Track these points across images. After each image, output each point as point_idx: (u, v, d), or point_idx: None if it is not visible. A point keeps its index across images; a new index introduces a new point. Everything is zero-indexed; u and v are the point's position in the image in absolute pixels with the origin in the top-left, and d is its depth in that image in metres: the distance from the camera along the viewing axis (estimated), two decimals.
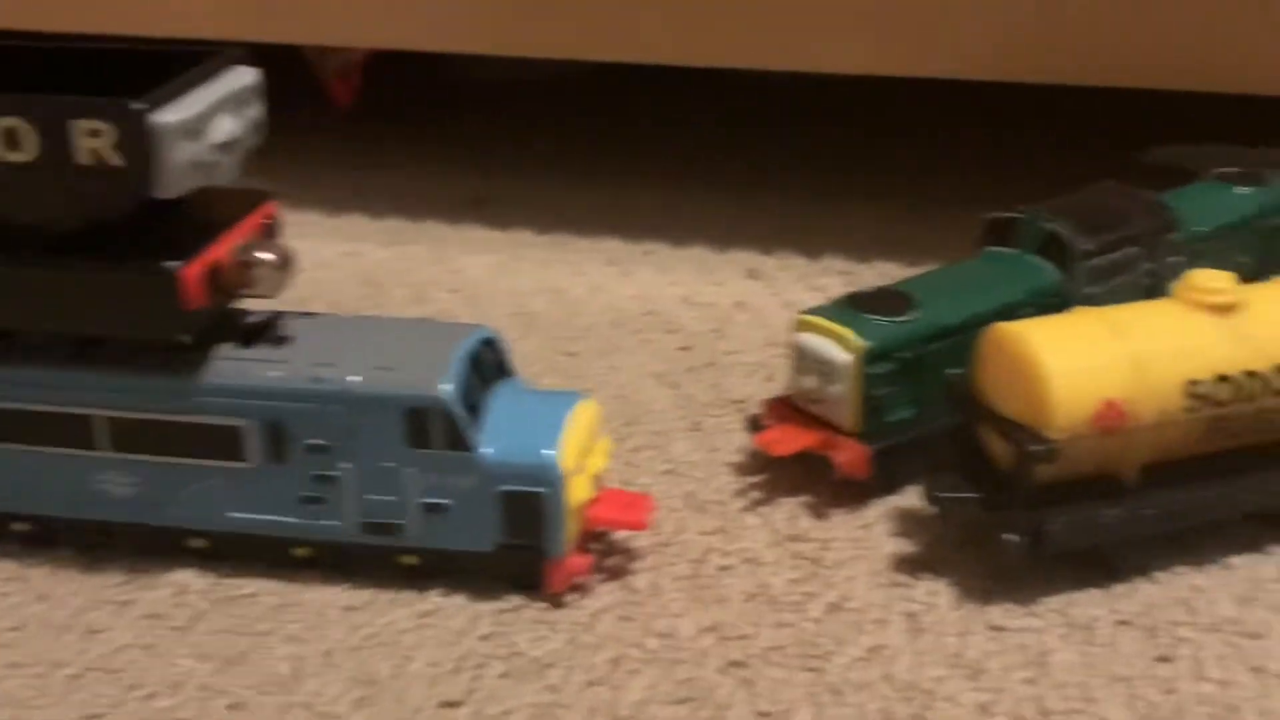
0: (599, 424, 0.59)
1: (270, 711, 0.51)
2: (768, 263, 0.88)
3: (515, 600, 0.56)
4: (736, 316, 0.81)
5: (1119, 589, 0.56)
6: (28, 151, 0.51)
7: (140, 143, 0.50)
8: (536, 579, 0.56)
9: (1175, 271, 0.64)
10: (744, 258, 0.88)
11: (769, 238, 0.91)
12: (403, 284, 0.86)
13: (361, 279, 0.87)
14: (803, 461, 0.63)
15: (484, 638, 0.55)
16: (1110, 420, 0.54)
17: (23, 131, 0.50)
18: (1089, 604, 0.55)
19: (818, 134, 1.11)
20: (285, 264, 0.56)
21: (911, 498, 0.62)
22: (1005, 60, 0.81)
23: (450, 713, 0.51)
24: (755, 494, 0.63)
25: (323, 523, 0.56)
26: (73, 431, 0.57)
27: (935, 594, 0.56)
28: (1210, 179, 0.76)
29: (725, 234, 0.92)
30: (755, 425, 0.64)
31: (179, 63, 0.54)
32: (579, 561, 0.56)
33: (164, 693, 0.52)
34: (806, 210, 0.95)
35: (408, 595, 0.57)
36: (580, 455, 0.56)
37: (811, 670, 0.52)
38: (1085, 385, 0.54)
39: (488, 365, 0.57)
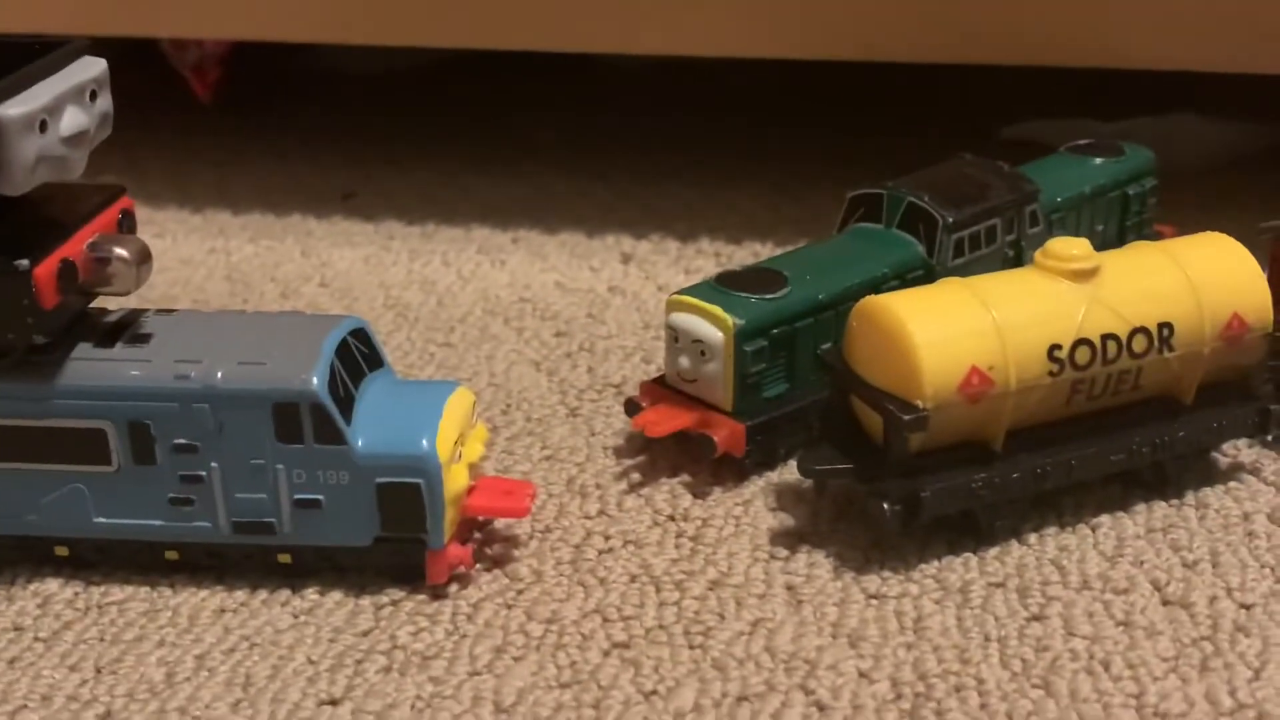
0: (474, 412, 0.58)
1: (144, 719, 0.50)
2: (641, 247, 0.88)
3: (395, 594, 0.56)
4: (611, 301, 0.81)
5: (991, 552, 0.57)
6: None
7: None
8: (417, 571, 0.55)
9: (1036, 242, 0.65)
10: (616, 242, 0.88)
11: (640, 222, 0.91)
12: (271, 279, 0.84)
13: (227, 275, 0.85)
14: (681, 441, 0.63)
15: (363, 633, 0.54)
16: (977, 387, 0.55)
17: None
18: (962, 568, 0.57)
19: (683, 119, 1.11)
20: (141, 259, 0.54)
21: (789, 472, 0.62)
22: (865, 40, 0.82)
23: (331, 710, 0.50)
24: (635, 476, 0.63)
25: (193, 524, 0.55)
26: None
27: (814, 565, 0.57)
28: (1066, 151, 0.78)
29: (596, 220, 0.92)
30: (632, 408, 0.64)
31: (22, 54, 0.52)
32: (459, 552, 0.56)
33: (32, 706, 0.51)
34: (677, 194, 0.96)
35: (283, 594, 0.56)
36: (456, 444, 0.55)
37: (695, 647, 0.53)
38: (952, 354, 0.55)
39: (358, 356, 0.56)
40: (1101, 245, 0.62)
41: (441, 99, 1.16)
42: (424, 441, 0.53)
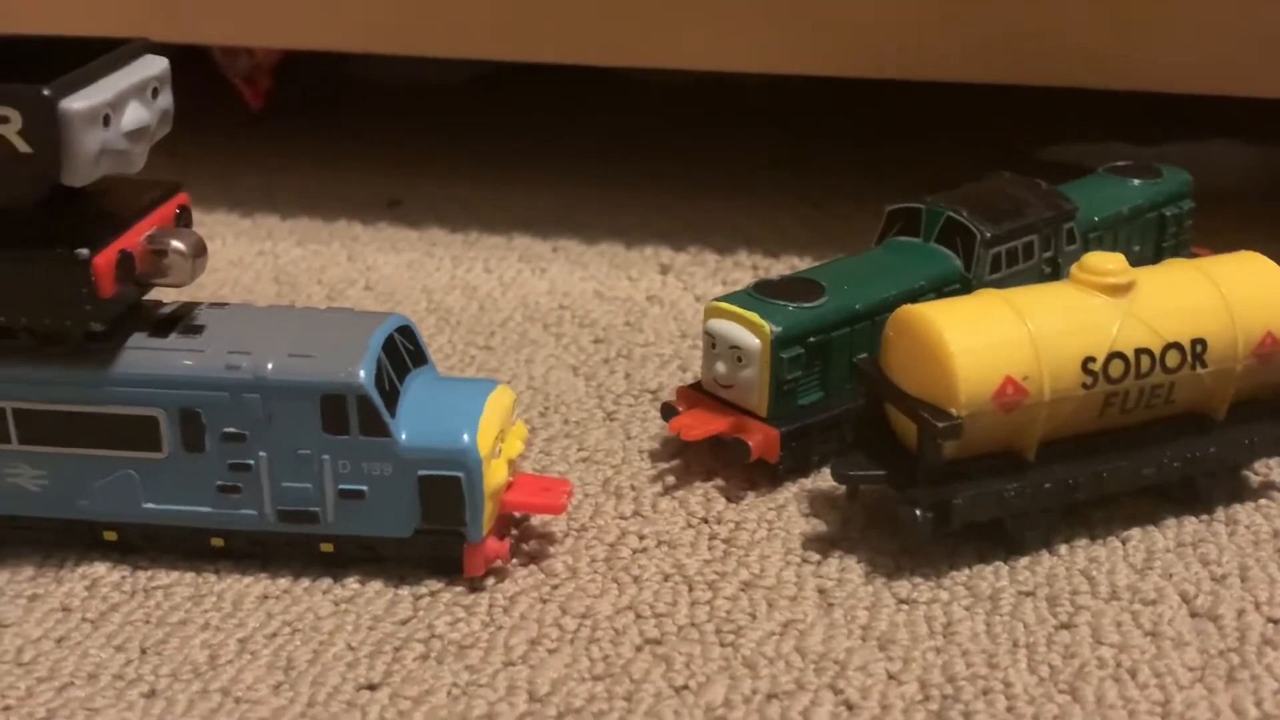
0: (514, 410, 0.59)
1: (187, 698, 0.51)
2: (679, 258, 0.89)
3: (433, 585, 0.57)
4: (649, 310, 0.82)
5: (1021, 561, 0.58)
6: None
7: (48, 129, 0.49)
8: (455, 564, 0.56)
9: (1073, 260, 0.66)
10: (655, 253, 0.89)
11: (680, 234, 0.92)
12: (317, 282, 0.86)
13: (275, 277, 0.87)
14: (715, 446, 0.64)
15: (401, 622, 0.55)
16: (1011, 397, 0.56)
17: None
18: (993, 576, 0.57)
19: (723, 134, 1.12)
20: (197, 252, 0.56)
21: (823, 479, 0.63)
22: (905, 59, 0.83)
23: (369, 695, 0.51)
24: (670, 479, 0.64)
25: (240, 512, 0.56)
26: None
27: (846, 570, 0.58)
28: (1104, 171, 0.78)
29: (636, 231, 0.93)
30: (668, 412, 0.65)
31: (88, 51, 0.53)
32: (497, 546, 0.57)
33: (79, 683, 0.52)
34: (716, 208, 0.97)
35: (325, 582, 0.57)
36: (496, 440, 0.56)
37: (726, 645, 0.53)
38: (987, 363, 0.56)
39: (404, 353, 0.58)
40: (1137, 266, 0.62)
41: (486, 112, 1.18)
42: (465, 436, 0.55)
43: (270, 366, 0.55)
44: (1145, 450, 0.59)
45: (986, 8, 0.81)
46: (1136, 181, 0.77)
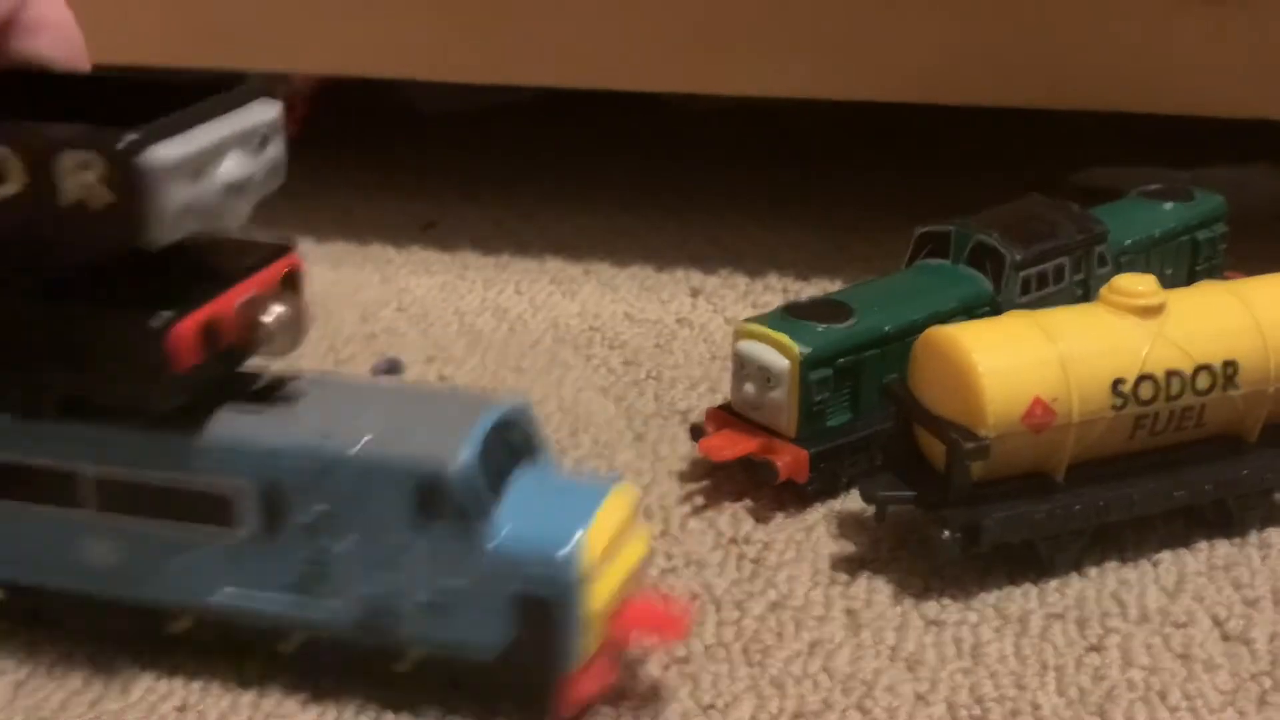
0: (637, 512, 0.52)
1: None
2: (709, 281, 0.89)
3: None
4: (679, 332, 0.82)
5: (1051, 584, 0.58)
6: (13, 185, 0.45)
7: (130, 179, 0.44)
8: (544, 696, 0.49)
9: (1104, 283, 0.65)
10: (685, 276, 0.90)
11: (711, 258, 0.92)
12: (351, 304, 0.87)
13: (309, 299, 0.87)
14: (744, 467, 0.64)
15: None
16: (1040, 418, 0.56)
17: (9, 163, 0.45)
18: (1022, 599, 0.57)
19: (753, 158, 1.13)
20: (298, 321, 0.51)
21: (851, 500, 0.63)
22: (937, 83, 0.84)
23: None
24: (698, 499, 0.64)
25: (319, 601, 0.50)
26: (56, 489, 0.51)
27: (874, 591, 0.58)
28: (1137, 194, 0.78)
29: (666, 255, 0.93)
30: (697, 433, 0.66)
31: (188, 94, 0.47)
32: (596, 680, 0.49)
33: None
34: (746, 231, 0.97)
35: None
36: (607, 551, 0.49)
37: (754, 665, 0.53)
38: (1015, 384, 0.56)
39: (512, 443, 0.51)
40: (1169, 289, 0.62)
41: (518, 137, 1.19)
42: (566, 549, 0.47)
43: (361, 443, 0.48)
44: (1176, 472, 0.59)
45: (1019, 32, 0.81)
46: (1169, 205, 0.77)
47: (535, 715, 0.49)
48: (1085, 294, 0.70)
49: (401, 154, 1.15)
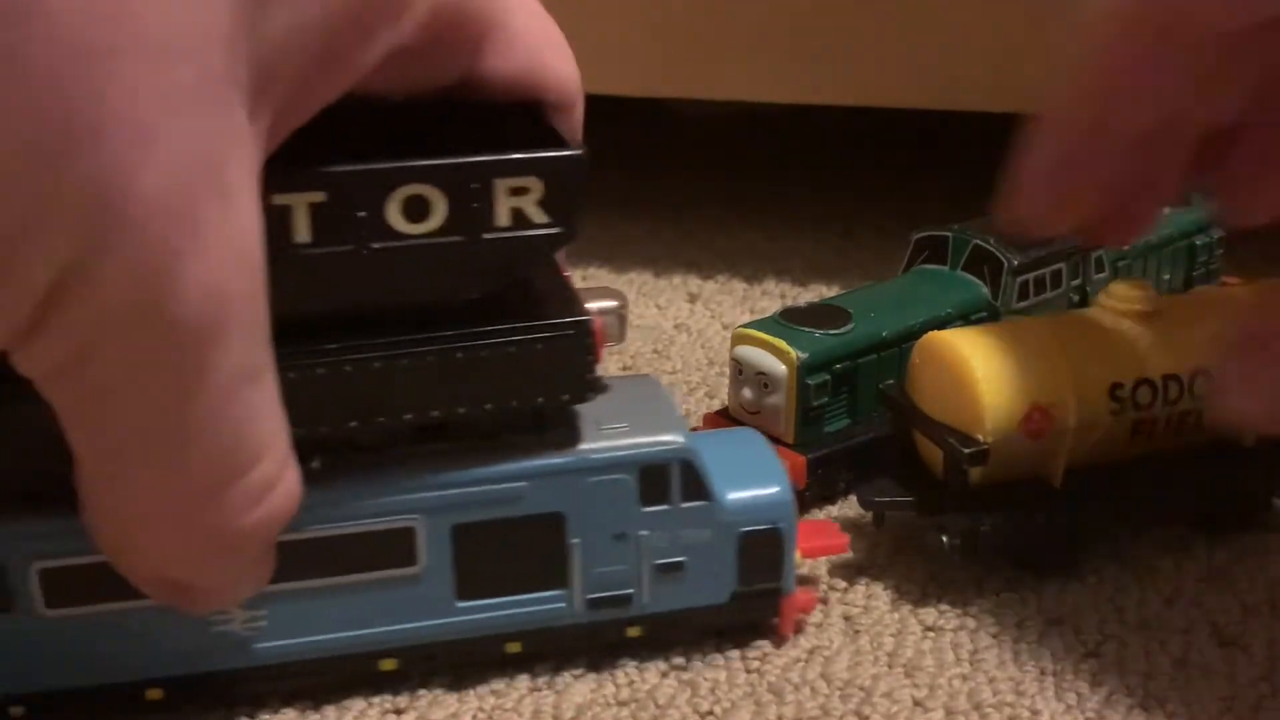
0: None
1: None
2: (707, 287, 0.89)
3: None
4: (677, 338, 0.82)
5: (1049, 590, 0.58)
6: (433, 221, 0.44)
7: (572, 195, 0.46)
8: (769, 622, 0.54)
9: (1101, 287, 0.66)
10: (684, 282, 0.90)
11: (707, 263, 0.92)
12: None
13: None
14: None
15: None
16: (1038, 424, 0.56)
17: (431, 199, 0.44)
18: (1020, 604, 0.57)
19: (750, 164, 1.13)
20: (624, 317, 0.55)
21: (849, 505, 0.63)
22: (933, 88, 0.84)
23: (395, 718, 0.51)
24: None
25: (546, 607, 0.52)
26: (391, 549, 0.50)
27: (872, 597, 0.58)
28: None
29: (664, 260, 0.93)
30: None
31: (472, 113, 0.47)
32: (807, 595, 0.55)
33: None
34: (744, 237, 0.97)
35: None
36: None
37: (752, 672, 0.53)
38: (1013, 389, 0.56)
39: None
40: (1166, 294, 0.62)
41: None
42: (778, 487, 0.53)
43: (585, 443, 0.51)
44: (1174, 478, 0.59)
45: (1017, 37, 0.81)
46: (1166, 210, 0.77)
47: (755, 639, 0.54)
48: (1082, 300, 0.70)
49: None
